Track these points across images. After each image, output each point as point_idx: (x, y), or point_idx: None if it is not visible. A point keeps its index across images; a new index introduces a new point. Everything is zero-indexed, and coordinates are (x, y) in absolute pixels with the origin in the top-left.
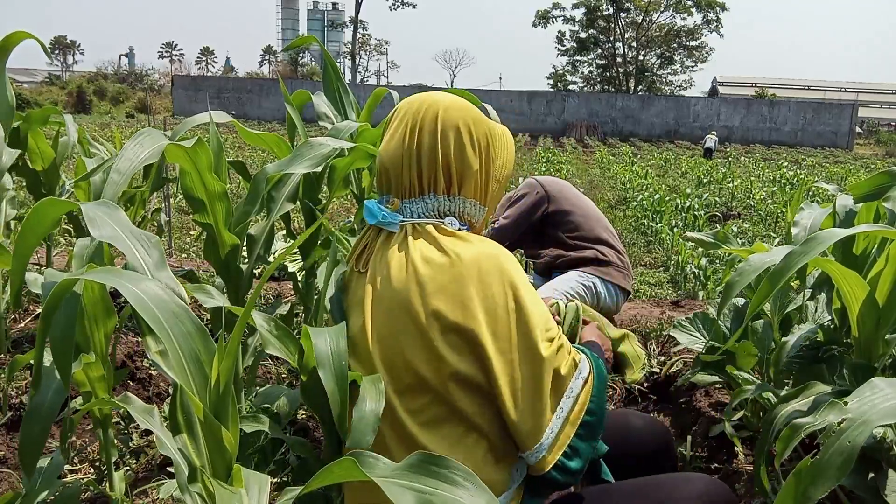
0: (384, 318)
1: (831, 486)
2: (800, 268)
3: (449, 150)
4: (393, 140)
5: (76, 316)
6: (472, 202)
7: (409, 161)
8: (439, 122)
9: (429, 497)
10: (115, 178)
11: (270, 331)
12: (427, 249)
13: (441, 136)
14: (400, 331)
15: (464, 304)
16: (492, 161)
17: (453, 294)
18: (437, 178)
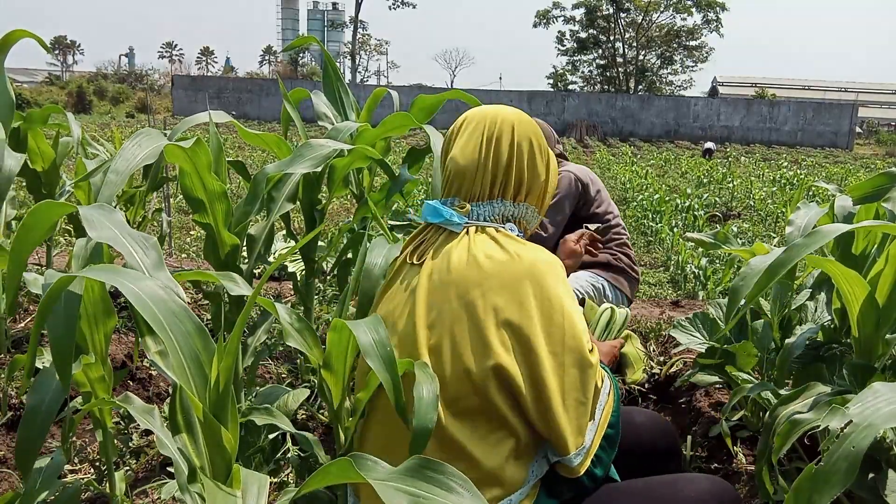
0: (439, 307)
1: (837, 493)
2: (792, 267)
3: (523, 160)
4: (468, 148)
5: (77, 316)
6: (532, 209)
7: (485, 168)
8: (515, 134)
9: (423, 501)
10: (113, 179)
11: (292, 323)
12: (490, 247)
13: (517, 147)
14: (454, 320)
15: (521, 302)
16: (549, 175)
17: (512, 292)
18: (508, 184)
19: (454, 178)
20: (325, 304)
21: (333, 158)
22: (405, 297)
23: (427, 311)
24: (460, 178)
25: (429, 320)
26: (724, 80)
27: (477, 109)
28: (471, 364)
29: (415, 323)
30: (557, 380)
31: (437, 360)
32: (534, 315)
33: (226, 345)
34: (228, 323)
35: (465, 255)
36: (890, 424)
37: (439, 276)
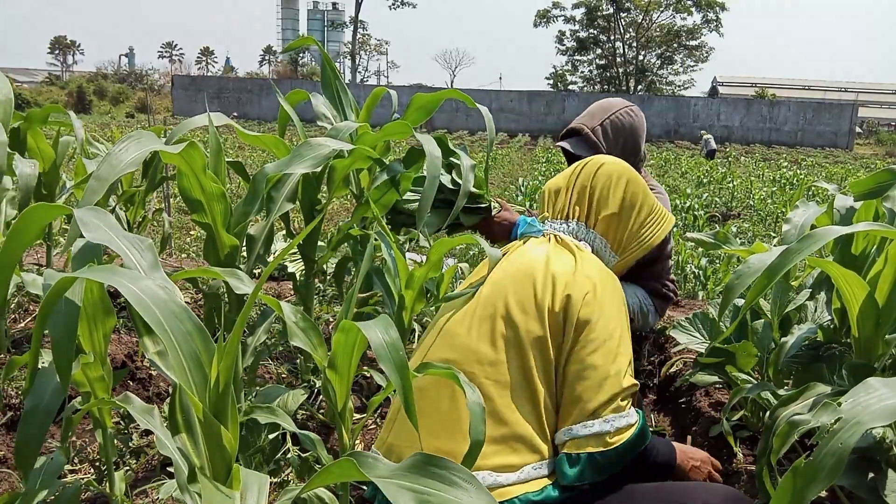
0: (507, 275)
1: (824, 487)
2: (791, 267)
3: (598, 185)
4: (559, 179)
5: (77, 317)
6: (602, 241)
7: (568, 187)
8: (604, 165)
9: (427, 498)
10: (95, 186)
11: (297, 322)
12: (563, 251)
13: (598, 173)
14: (518, 281)
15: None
16: (632, 219)
17: (579, 283)
18: (581, 204)
19: (545, 200)
20: (324, 304)
21: (333, 159)
22: (494, 274)
23: (494, 279)
24: (550, 194)
25: (493, 281)
26: (724, 80)
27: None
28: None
29: (479, 290)
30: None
31: (490, 321)
32: (594, 309)
33: (226, 345)
34: (228, 323)
35: (541, 248)
36: (878, 423)
37: (513, 259)
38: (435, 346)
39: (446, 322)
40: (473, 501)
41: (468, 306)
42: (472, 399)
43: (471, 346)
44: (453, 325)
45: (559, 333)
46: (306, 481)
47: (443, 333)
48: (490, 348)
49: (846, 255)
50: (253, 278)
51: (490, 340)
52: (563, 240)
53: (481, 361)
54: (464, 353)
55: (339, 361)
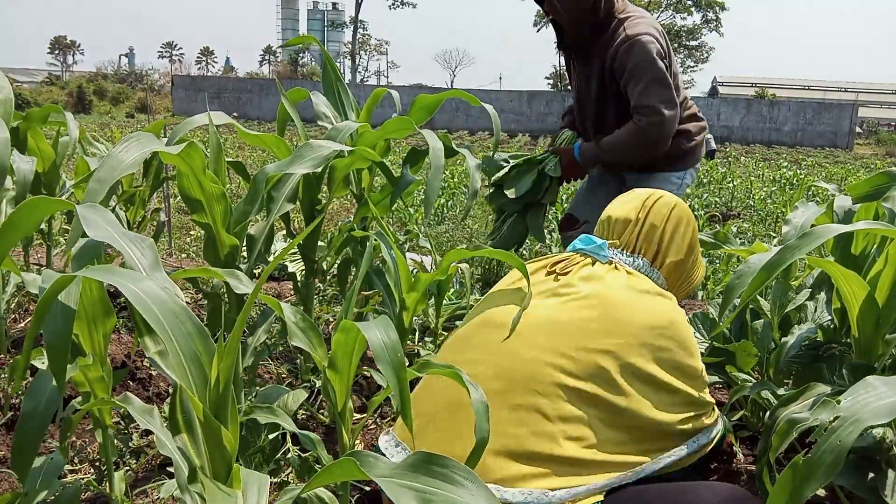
0: (594, 307)
1: (821, 485)
2: (790, 264)
3: (666, 229)
4: (628, 203)
5: (72, 319)
6: (663, 282)
7: (636, 224)
8: (675, 208)
9: (429, 496)
10: (95, 188)
11: (297, 322)
12: (642, 281)
13: (668, 218)
14: (607, 319)
15: (673, 326)
16: (688, 264)
17: (656, 321)
18: (650, 244)
19: (609, 224)
20: (324, 304)
21: (334, 159)
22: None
23: (569, 314)
24: (615, 224)
25: (570, 320)
26: (724, 80)
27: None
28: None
29: (550, 320)
30: (684, 398)
31: (565, 358)
32: (672, 340)
33: (226, 345)
34: (228, 322)
35: (622, 281)
36: (877, 421)
37: (595, 287)
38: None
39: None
40: (474, 499)
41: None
42: (476, 398)
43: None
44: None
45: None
46: (306, 481)
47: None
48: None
49: (846, 254)
50: (253, 279)
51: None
52: (629, 271)
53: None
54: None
55: (339, 361)
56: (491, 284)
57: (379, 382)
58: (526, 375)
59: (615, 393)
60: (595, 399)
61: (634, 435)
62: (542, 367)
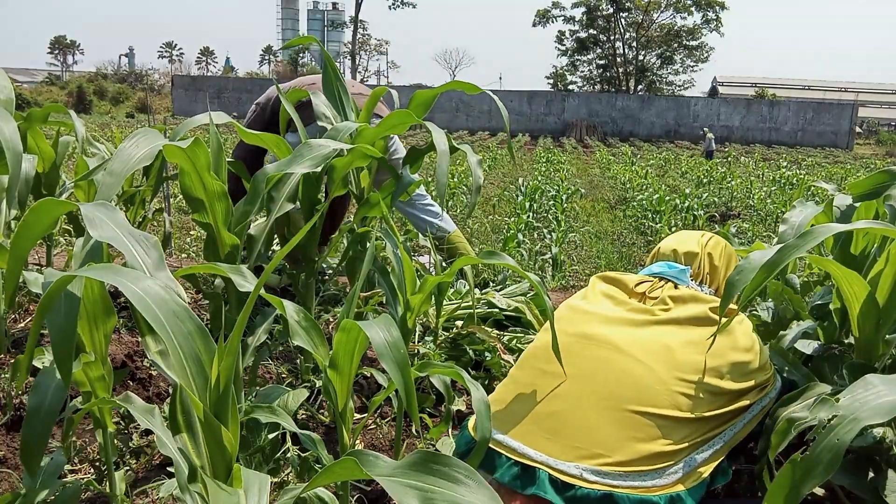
0: (674, 335)
1: (819, 482)
2: (789, 263)
3: (719, 266)
4: (689, 243)
5: (77, 315)
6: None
7: (702, 261)
8: (725, 250)
9: (430, 495)
10: (108, 181)
11: (299, 322)
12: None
13: (721, 257)
14: (693, 341)
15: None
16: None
17: (744, 348)
18: (713, 276)
19: (676, 256)
20: (324, 303)
21: (333, 158)
22: (624, 324)
23: (657, 338)
24: (682, 258)
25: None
26: (724, 80)
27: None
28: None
29: (641, 342)
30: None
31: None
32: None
33: (226, 344)
34: (228, 322)
35: (703, 308)
36: (876, 419)
37: (676, 312)
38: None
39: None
40: (476, 497)
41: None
42: (477, 397)
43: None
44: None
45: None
46: (306, 481)
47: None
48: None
49: (846, 254)
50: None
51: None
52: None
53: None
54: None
55: (340, 361)
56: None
57: (379, 382)
58: (644, 395)
59: (707, 409)
60: (692, 419)
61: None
62: (659, 391)
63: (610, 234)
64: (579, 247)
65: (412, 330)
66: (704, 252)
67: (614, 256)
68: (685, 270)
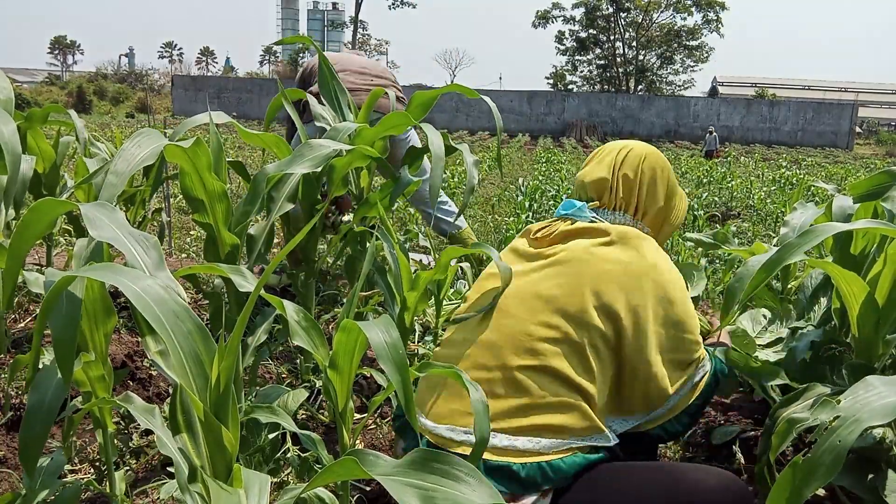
0: (570, 269)
1: (821, 484)
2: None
3: (643, 183)
4: (600, 167)
5: (78, 315)
6: (647, 230)
7: (613, 185)
8: (642, 160)
9: (431, 494)
10: (112, 181)
11: (299, 322)
12: (618, 235)
13: (642, 171)
14: (581, 282)
15: (639, 286)
16: (672, 206)
17: (632, 277)
18: (629, 201)
19: (583, 189)
20: (324, 303)
21: (332, 158)
22: (527, 260)
23: (556, 274)
24: (590, 190)
25: (548, 275)
26: (724, 80)
27: (613, 143)
28: (588, 306)
29: (530, 277)
30: (657, 350)
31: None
32: (648, 301)
33: (226, 344)
34: (228, 322)
35: (598, 238)
36: (877, 421)
37: (573, 249)
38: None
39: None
40: (477, 496)
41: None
42: (476, 397)
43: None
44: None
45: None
46: (306, 481)
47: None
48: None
49: (845, 254)
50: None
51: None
52: (611, 226)
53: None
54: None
55: (340, 361)
56: None
57: (379, 382)
58: (511, 344)
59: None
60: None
61: (626, 388)
62: (523, 334)
63: None
64: None
65: (411, 329)
66: (618, 174)
67: None
68: (583, 207)
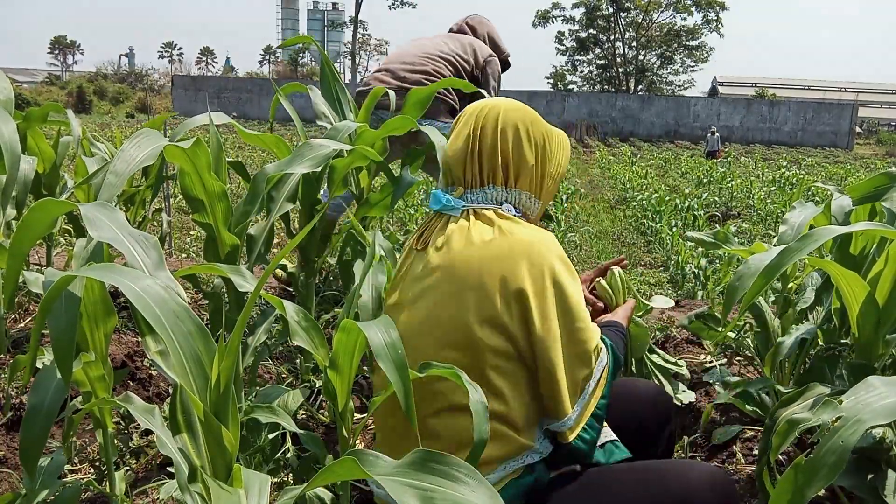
0: (442, 284)
1: (824, 485)
2: (789, 268)
3: (507, 145)
4: (458, 140)
5: (78, 315)
6: (527, 194)
7: (472, 157)
8: (500, 122)
9: (430, 494)
10: (112, 181)
11: (299, 322)
12: (485, 229)
13: (501, 134)
14: (455, 292)
15: (515, 274)
16: (547, 159)
17: (507, 266)
18: (495, 171)
19: (448, 171)
20: (324, 304)
21: (332, 158)
22: (412, 283)
23: (431, 289)
24: (453, 167)
25: (433, 296)
26: (724, 80)
27: (473, 104)
28: (476, 334)
29: (417, 301)
30: (549, 353)
31: (437, 331)
32: (528, 288)
33: (226, 344)
34: (229, 322)
35: (464, 237)
36: (878, 421)
37: (441, 256)
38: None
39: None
40: (476, 496)
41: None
42: (475, 398)
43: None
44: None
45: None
46: (306, 481)
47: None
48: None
49: (845, 254)
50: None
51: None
52: (482, 213)
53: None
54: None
55: (340, 361)
56: None
57: None
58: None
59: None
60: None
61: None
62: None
63: (610, 234)
64: (579, 247)
65: None
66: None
67: (614, 256)
68: (449, 200)
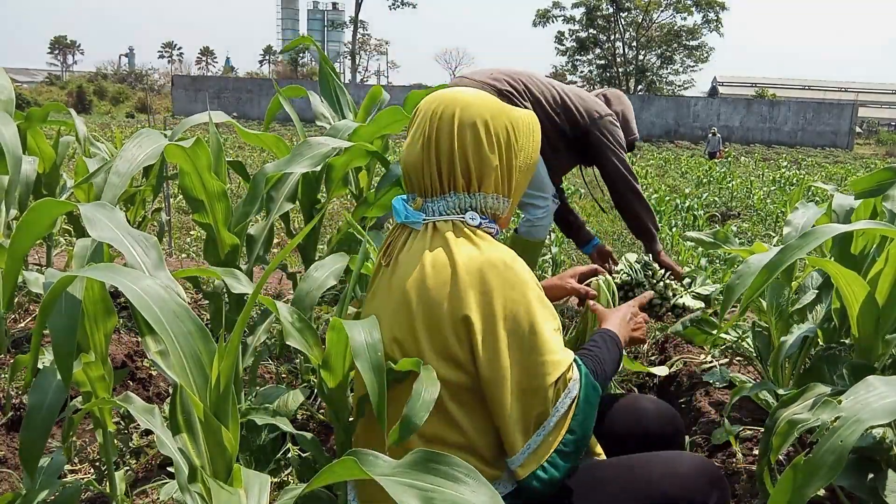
0: (399, 312)
1: (823, 485)
2: (790, 266)
3: (466, 149)
4: (414, 144)
5: (78, 316)
6: (493, 196)
7: (429, 163)
8: (456, 121)
9: (431, 494)
10: (115, 181)
11: (293, 323)
12: (438, 254)
13: (458, 135)
14: (409, 323)
15: (463, 301)
16: (514, 154)
17: (455, 293)
18: (455, 177)
19: (405, 177)
20: (323, 304)
21: (332, 158)
22: (380, 302)
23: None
24: (409, 175)
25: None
26: (724, 80)
27: (428, 97)
28: (426, 355)
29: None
30: (500, 387)
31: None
32: (474, 316)
33: (226, 344)
34: (228, 322)
35: (418, 261)
36: (878, 421)
37: (399, 278)
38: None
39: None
40: (476, 496)
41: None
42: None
43: None
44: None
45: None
46: (306, 481)
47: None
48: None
49: (845, 254)
50: (253, 279)
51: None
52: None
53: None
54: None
55: (332, 360)
56: None
57: None
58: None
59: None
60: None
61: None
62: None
63: (610, 234)
64: None
65: None
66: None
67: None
68: (410, 212)
